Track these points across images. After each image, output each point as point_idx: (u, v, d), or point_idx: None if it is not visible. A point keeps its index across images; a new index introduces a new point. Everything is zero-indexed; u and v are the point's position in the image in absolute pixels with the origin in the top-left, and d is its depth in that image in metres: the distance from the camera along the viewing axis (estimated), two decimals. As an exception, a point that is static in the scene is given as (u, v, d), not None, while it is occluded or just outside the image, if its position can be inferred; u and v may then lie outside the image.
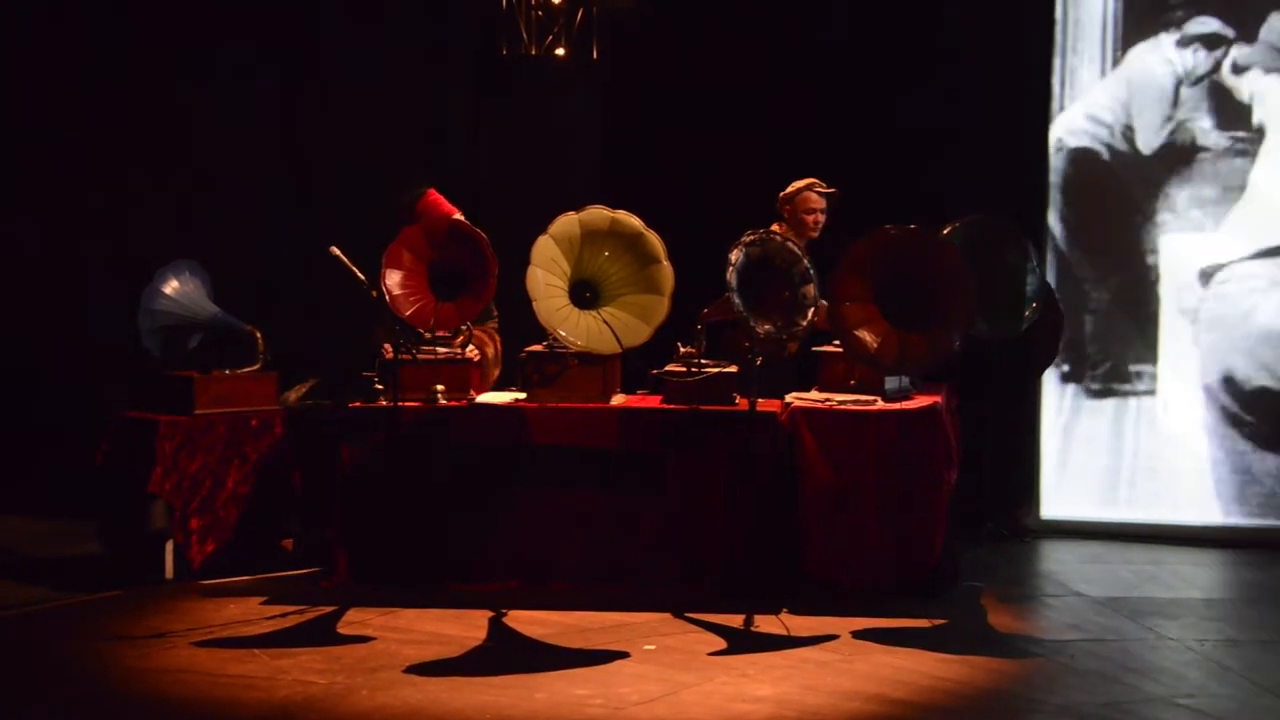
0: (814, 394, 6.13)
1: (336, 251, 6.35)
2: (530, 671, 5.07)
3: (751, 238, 5.97)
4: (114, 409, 6.59)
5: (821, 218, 6.42)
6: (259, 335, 6.61)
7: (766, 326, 5.94)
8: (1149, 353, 7.30)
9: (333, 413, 6.44)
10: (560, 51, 7.42)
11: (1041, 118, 7.36)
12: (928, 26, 7.39)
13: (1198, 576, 6.53)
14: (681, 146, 7.69)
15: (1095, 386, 7.33)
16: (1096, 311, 7.33)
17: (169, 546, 6.34)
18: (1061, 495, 7.37)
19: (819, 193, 6.44)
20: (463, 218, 6.50)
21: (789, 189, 6.50)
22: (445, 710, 4.72)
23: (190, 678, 5.05)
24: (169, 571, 6.33)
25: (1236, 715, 4.65)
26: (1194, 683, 5.00)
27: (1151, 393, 7.29)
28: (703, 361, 6.13)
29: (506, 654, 5.34)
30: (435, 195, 6.61)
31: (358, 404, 6.20)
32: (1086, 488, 7.35)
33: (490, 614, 5.76)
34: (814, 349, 6.29)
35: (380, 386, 6.20)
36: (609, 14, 7.40)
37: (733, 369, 6.09)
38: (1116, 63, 7.30)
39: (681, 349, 6.18)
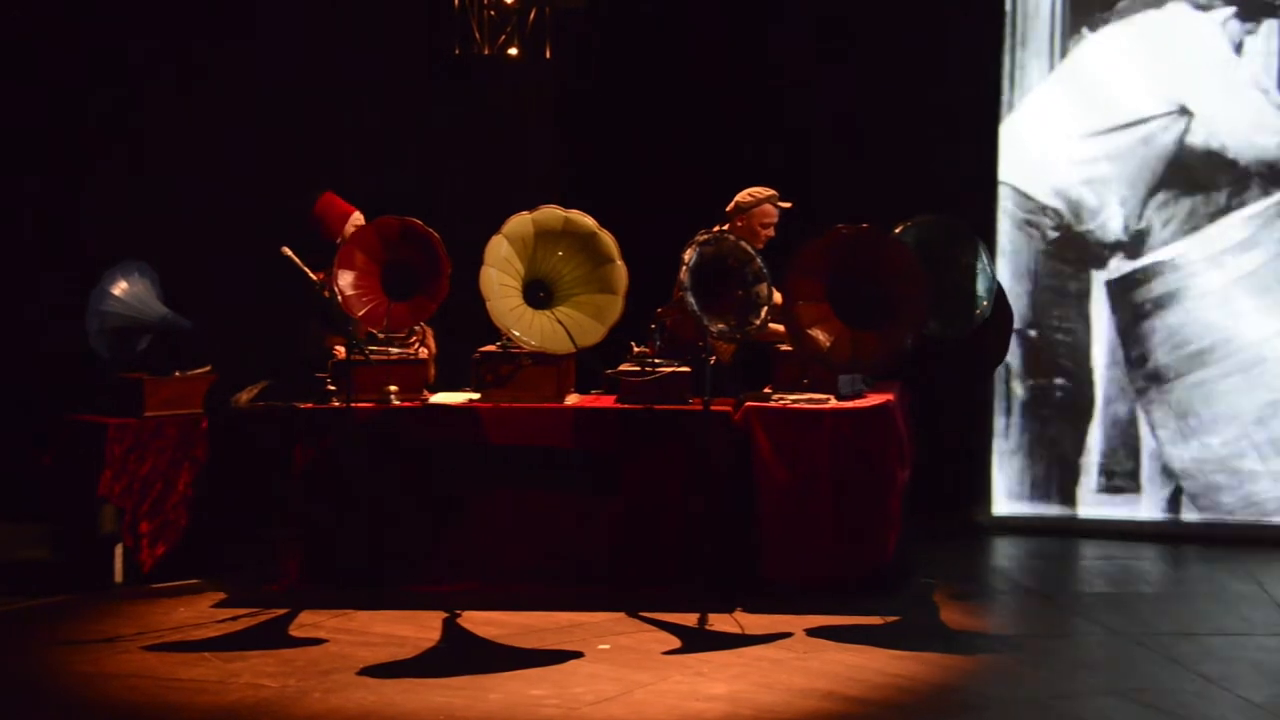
0: (768, 393, 6.15)
1: (288, 252, 6.31)
2: (484, 672, 5.06)
3: (705, 237, 5.98)
4: (62, 412, 6.52)
5: (774, 231, 6.39)
6: (208, 336, 6.56)
7: (720, 325, 5.95)
8: (1092, 345, 7.38)
9: (285, 414, 6.40)
10: (513, 51, 7.40)
11: (991, 114, 7.40)
12: (878, 24, 7.43)
13: (1145, 571, 6.60)
14: (635, 146, 7.70)
15: (1044, 382, 7.39)
16: (1045, 308, 7.40)
17: (119, 550, 6.29)
18: (1012, 492, 7.43)
19: (777, 206, 6.40)
20: (360, 216, 6.47)
21: (745, 198, 6.39)
22: (399, 712, 4.70)
23: (140, 682, 5.00)
24: (119, 575, 6.28)
25: (1185, 708, 4.70)
26: (1144, 675, 5.05)
27: (1095, 386, 7.36)
28: (656, 361, 6.13)
29: (461, 655, 5.33)
30: (331, 195, 6.58)
31: (310, 405, 6.17)
32: (1036, 484, 7.40)
33: (444, 615, 5.74)
34: (771, 348, 6.29)
35: (333, 387, 6.17)
36: (561, 14, 7.39)
37: (686, 369, 6.10)
38: (1065, 54, 7.36)
39: (635, 348, 6.18)
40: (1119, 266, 7.33)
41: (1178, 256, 7.27)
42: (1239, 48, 7.18)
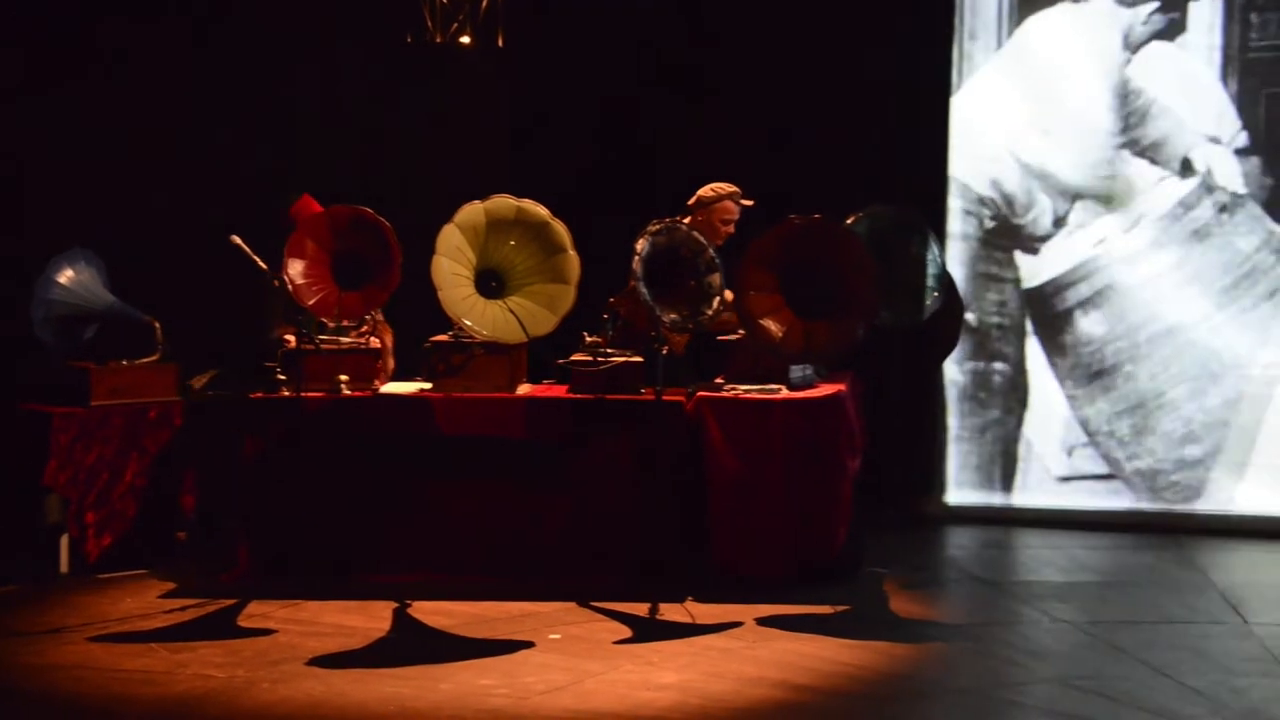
0: (719, 383, 6.16)
1: (238, 240, 6.27)
2: (435, 662, 5.05)
3: (657, 227, 5.98)
4: (7, 401, 6.44)
5: (734, 229, 6.39)
6: (158, 325, 6.51)
7: (672, 315, 5.96)
8: (1046, 339, 7.44)
9: (234, 403, 6.36)
10: (465, 39, 7.38)
11: (941, 103, 7.44)
12: (830, 15, 7.45)
13: (1093, 560, 6.67)
14: (588, 135, 7.68)
15: (995, 369, 7.45)
16: (995, 299, 7.45)
17: (64, 540, 6.22)
18: (963, 482, 7.48)
19: (738, 204, 6.40)
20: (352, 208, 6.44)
21: (707, 193, 6.38)
22: (348, 702, 4.68)
23: (86, 673, 4.96)
24: (64, 566, 6.22)
25: (1129, 696, 4.75)
26: (1089, 664, 5.10)
27: (1048, 378, 7.43)
28: (609, 351, 6.13)
29: (411, 645, 5.31)
30: (309, 199, 6.55)
31: (260, 394, 6.13)
32: (987, 474, 7.46)
33: (395, 605, 5.72)
34: (720, 338, 6.31)
35: (283, 376, 6.13)
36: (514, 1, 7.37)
37: (638, 359, 6.10)
38: (1010, 36, 7.42)
39: (588, 338, 6.18)
40: (1052, 255, 7.38)
41: (1109, 248, 7.33)
42: (1174, 40, 7.26)
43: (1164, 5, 7.26)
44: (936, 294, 6.07)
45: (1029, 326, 7.44)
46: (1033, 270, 7.43)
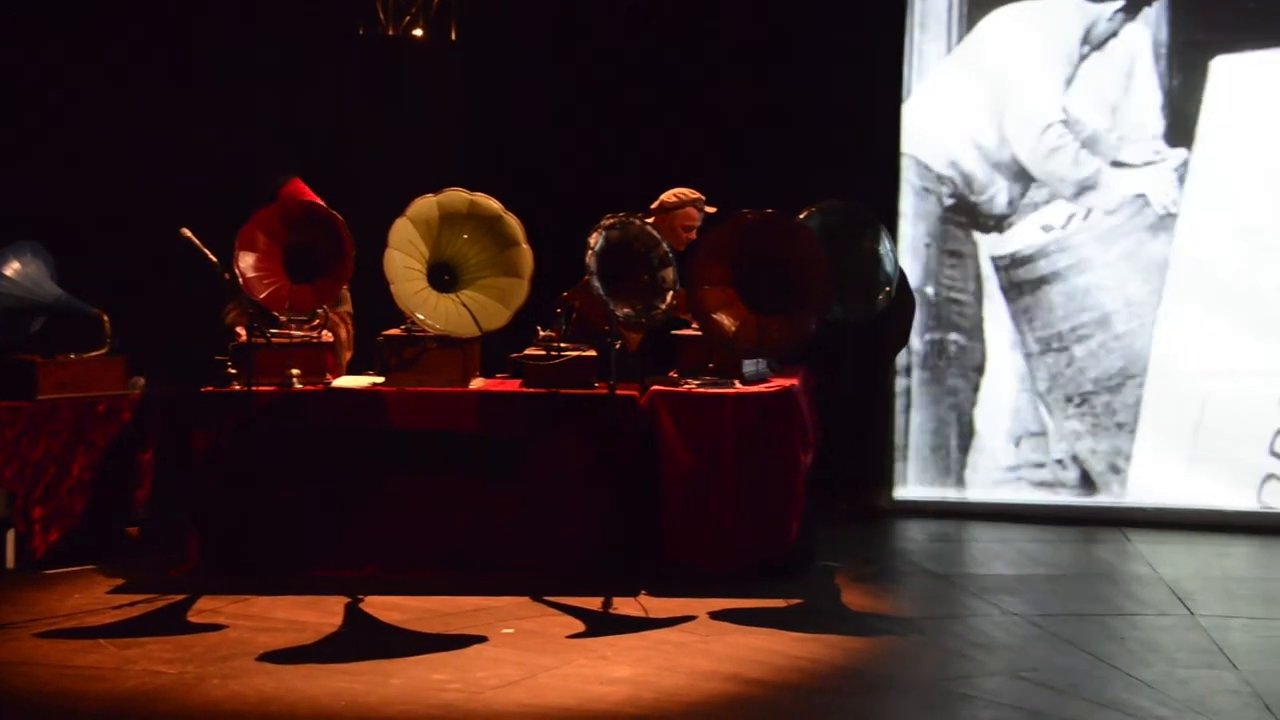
0: (673, 377, 6.17)
1: (188, 233, 6.21)
2: (387, 657, 5.03)
3: (611, 221, 5.98)
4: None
5: (695, 235, 6.40)
6: (106, 318, 6.45)
7: (626, 310, 5.96)
8: (994, 333, 7.51)
9: (185, 397, 6.30)
10: (418, 32, 7.35)
11: (893, 100, 7.48)
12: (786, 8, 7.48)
13: (1041, 553, 6.72)
14: (542, 129, 7.67)
15: (943, 365, 7.51)
16: (946, 294, 7.51)
17: (10, 535, 6.15)
18: (914, 475, 7.53)
19: (701, 210, 6.40)
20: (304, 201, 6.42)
21: (670, 198, 6.39)
22: (299, 697, 4.66)
23: (34, 670, 4.91)
24: (10, 561, 6.15)
25: (1076, 687, 4.80)
26: (1036, 656, 5.15)
27: (987, 373, 7.49)
28: (562, 345, 6.12)
29: (363, 640, 5.29)
30: (300, 184, 6.51)
31: (210, 388, 6.08)
32: (937, 468, 7.52)
33: (347, 600, 5.70)
34: (673, 333, 6.32)
35: (234, 370, 6.09)
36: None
37: (592, 353, 6.10)
38: (963, 36, 7.47)
39: (541, 333, 6.17)
40: (1003, 239, 7.45)
41: (1058, 234, 7.40)
42: (1117, 38, 7.34)
43: (1127, 6, 7.33)
44: (888, 289, 6.10)
45: (985, 301, 7.50)
46: (991, 246, 7.48)
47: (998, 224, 7.46)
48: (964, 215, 7.48)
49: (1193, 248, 7.28)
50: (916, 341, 7.45)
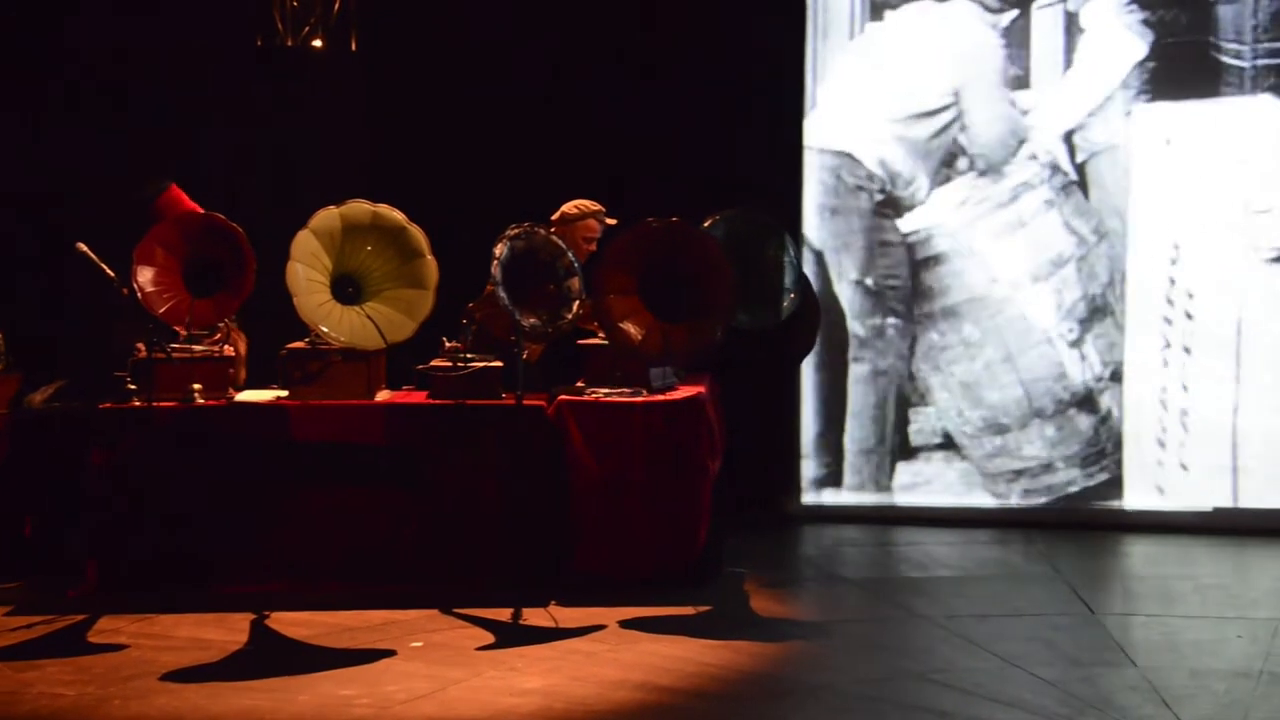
0: (580, 386, 6.17)
1: (83, 248, 6.10)
2: (294, 673, 4.97)
3: (516, 231, 5.98)
4: None
5: (596, 246, 6.41)
6: (0, 335, 6.31)
7: (532, 320, 5.95)
8: (902, 335, 7.60)
9: (82, 415, 6.18)
10: (318, 43, 7.28)
11: (795, 106, 7.55)
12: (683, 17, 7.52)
13: (948, 556, 6.81)
14: (446, 140, 7.64)
15: (889, 324, 7.59)
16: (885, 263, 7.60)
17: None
18: (820, 481, 7.60)
19: (602, 222, 6.41)
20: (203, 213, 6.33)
21: (571, 210, 6.39)
22: (203, 716, 4.59)
23: (-73, 696, 4.79)
24: (-98, 586, 6.00)
25: (982, 687, 4.86)
26: (944, 657, 5.21)
27: (908, 376, 7.58)
28: (469, 356, 6.10)
29: (269, 657, 5.22)
30: (177, 191, 6.42)
31: (109, 405, 5.98)
32: (845, 473, 7.59)
33: (252, 616, 5.62)
34: (579, 342, 6.32)
35: (133, 386, 5.99)
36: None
37: (498, 364, 6.08)
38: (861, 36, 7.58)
39: (447, 344, 6.14)
40: (914, 225, 7.57)
41: (959, 221, 7.52)
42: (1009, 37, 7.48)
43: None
44: (793, 295, 6.16)
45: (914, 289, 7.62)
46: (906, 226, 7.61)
47: (916, 209, 7.57)
48: (890, 208, 7.58)
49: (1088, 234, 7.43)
50: (859, 328, 7.52)
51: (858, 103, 7.59)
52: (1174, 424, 7.34)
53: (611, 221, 6.40)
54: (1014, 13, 7.45)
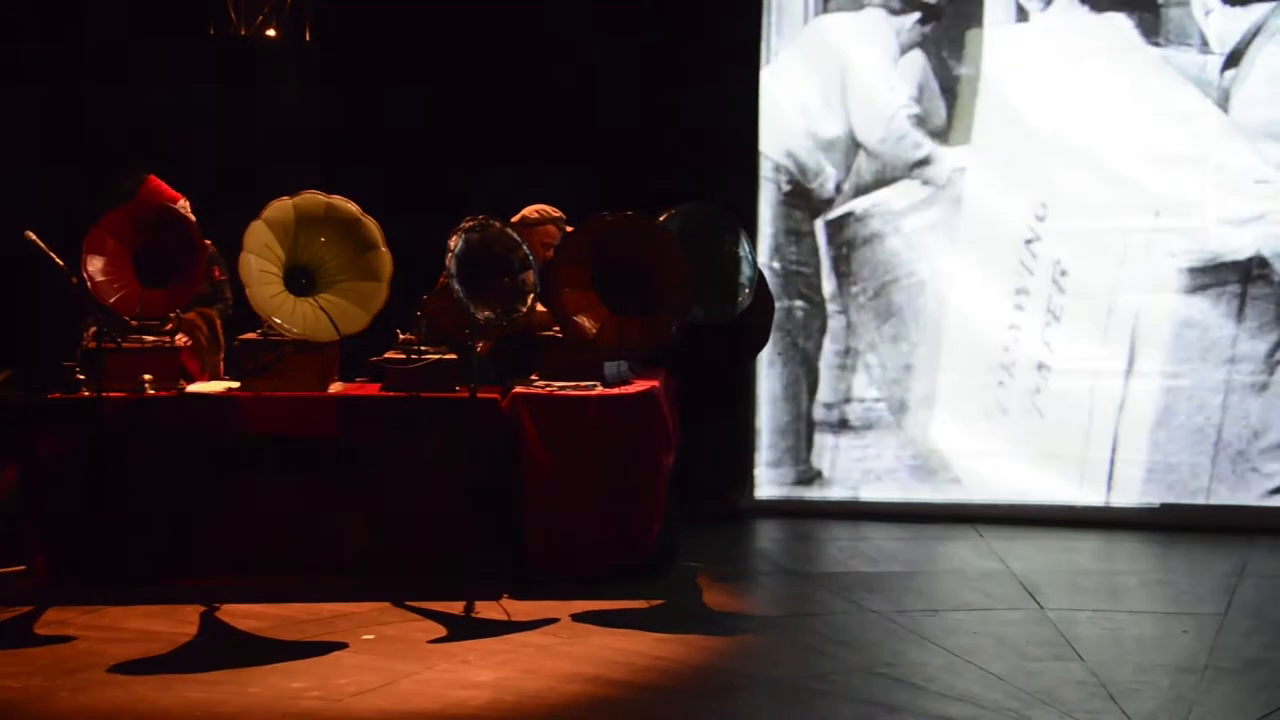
0: (534, 380, 6.17)
1: (32, 236, 6.04)
2: (244, 666, 4.95)
3: (471, 224, 5.96)
4: None
5: (554, 253, 6.39)
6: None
7: (486, 313, 5.94)
8: (855, 334, 7.65)
9: (29, 405, 6.12)
10: (271, 33, 7.24)
11: (751, 102, 7.57)
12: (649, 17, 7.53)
13: (898, 551, 6.86)
14: (401, 132, 7.60)
15: (798, 306, 7.63)
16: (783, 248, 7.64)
17: None
18: (773, 476, 7.63)
19: (561, 229, 6.40)
20: (187, 203, 6.31)
21: (532, 214, 6.37)
22: (152, 709, 4.56)
23: None
24: None
25: (933, 682, 4.90)
26: (894, 651, 5.25)
27: (855, 371, 7.62)
28: (423, 348, 6.08)
29: (219, 649, 5.20)
30: (156, 181, 6.38)
31: (57, 395, 5.92)
32: (797, 469, 7.63)
33: (202, 609, 5.59)
34: (537, 335, 6.31)
35: (82, 376, 5.93)
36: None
37: (453, 356, 6.07)
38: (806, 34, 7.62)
39: (401, 336, 6.12)
40: (833, 214, 7.62)
41: (876, 207, 7.57)
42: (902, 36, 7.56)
43: (923, 17, 7.54)
44: (748, 290, 6.17)
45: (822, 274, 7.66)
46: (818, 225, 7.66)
47: (828, 205, 7.62)
48: (801, 199, 7.63)
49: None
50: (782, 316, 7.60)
51: (782, 95, 7.64)
52: (1108, 419, 7.41)
53: (570, 229, 6.38)
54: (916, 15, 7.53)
